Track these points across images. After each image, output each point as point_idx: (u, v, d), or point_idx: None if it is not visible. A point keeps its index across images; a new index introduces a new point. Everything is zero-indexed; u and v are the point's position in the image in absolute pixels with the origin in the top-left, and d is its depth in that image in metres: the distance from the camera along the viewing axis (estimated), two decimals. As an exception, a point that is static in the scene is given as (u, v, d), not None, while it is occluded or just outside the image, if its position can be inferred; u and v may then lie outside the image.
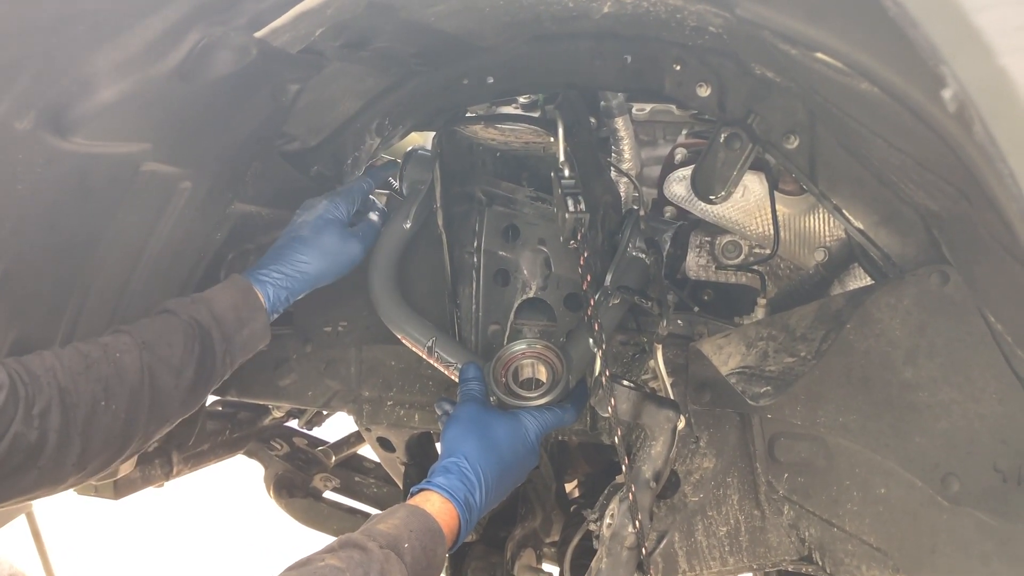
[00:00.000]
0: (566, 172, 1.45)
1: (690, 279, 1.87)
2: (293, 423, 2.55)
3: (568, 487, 2.20)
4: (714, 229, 1.87)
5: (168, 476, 2.08)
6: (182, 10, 1.24)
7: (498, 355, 1.59)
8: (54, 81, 1.23)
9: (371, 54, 1.57)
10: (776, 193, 1.69)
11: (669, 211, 1.93)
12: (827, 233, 1.72)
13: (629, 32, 1.54)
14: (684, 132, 2.00)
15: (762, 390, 1.33)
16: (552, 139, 1.57)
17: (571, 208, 1.38)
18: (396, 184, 1.96)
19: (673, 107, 2.01)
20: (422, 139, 2.19)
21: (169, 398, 1.43)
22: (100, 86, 1.27)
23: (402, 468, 2.11)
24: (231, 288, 1.59)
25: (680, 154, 1.88)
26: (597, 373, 1.34)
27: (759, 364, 1.37)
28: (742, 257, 1.90)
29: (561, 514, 2.02)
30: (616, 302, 1.53)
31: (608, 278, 1.56)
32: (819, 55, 0.97)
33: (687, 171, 1.83)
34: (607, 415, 1.32)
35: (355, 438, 2.60)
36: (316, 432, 2.60)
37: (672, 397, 1.43)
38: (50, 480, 1.29)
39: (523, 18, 1.52)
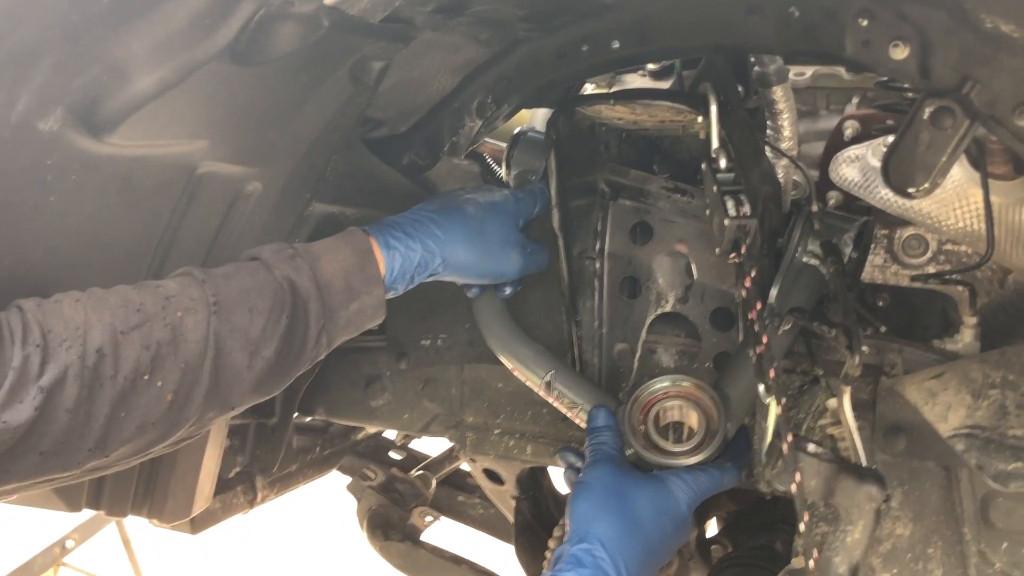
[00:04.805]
0: (722, 163, 1.13)
1: (860, 281, 1.52)
2: (390, 433, 2.32)
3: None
4: (892, 220, 1.51)
5: (252, 504, 1.86)
6: (231, -26, 0.96)
7: (635, 395, 1.29)
8: (79, 70, 0.99)
9: (470, 19, 1.27)
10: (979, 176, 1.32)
11: (833, 197, 1.58)
12: (1050, 228, 1.34)
13: (799, -22, 1.20)
14: (855, 101, 1.64)
15: (1009, 467, 0.99)
16: (697, 117, 1.24)
17: (731, 212, 1.07)
18: (501, 172, 1.67)
19: (842, 70, 1.64)
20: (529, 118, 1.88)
21: (237, 380, 1.09)
22: (136, 74, 1.02)
23: (513, 502, 1.84)
24: (345, 247, 1.22)
25: (851, 128, 1.52)
26: (770, 435, 1.03)
27: (995, 425, 1.03)
28: (929, 255, 1.55)
29: (701, 562, 1.72)
30: (787, 327, 1.20)
31: (773, 294, 1.23)
32: None
33: (860, 149, 1.47)
34: (786, 491, 1.00)
35: (457, 452, 2.35)
36: (415, 444, 2.36)
37: (864, 457, 1.10)
38: (59, 466, 0.98)
39: (662, -35, 1.20)
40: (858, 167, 1.48)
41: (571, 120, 1.39)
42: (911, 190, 1.20)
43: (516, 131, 1.57)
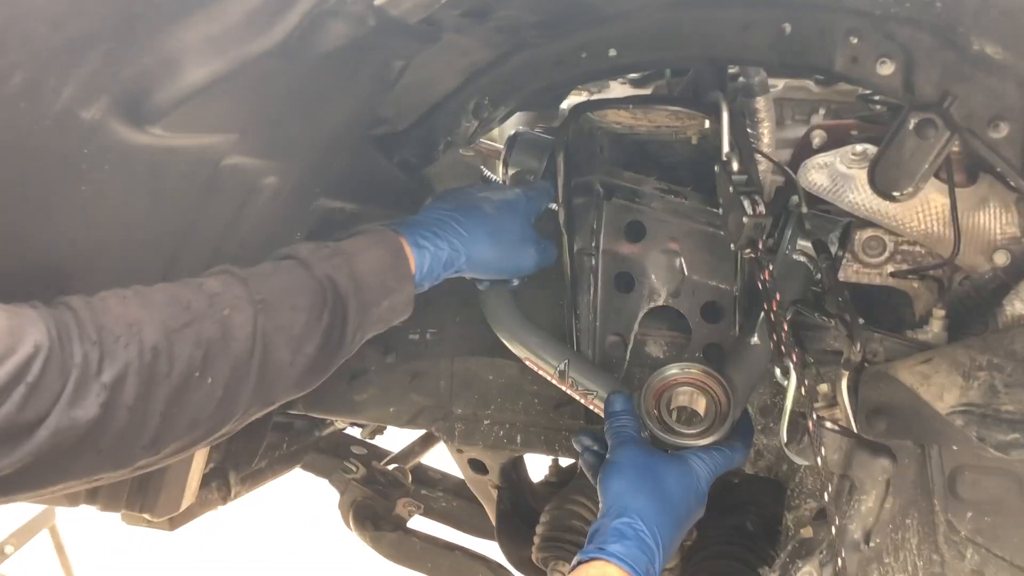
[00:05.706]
0: (735, 165, 1.22)
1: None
2: (352, 430, 2.33)
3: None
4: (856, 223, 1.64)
5: (225, 500, 1.86)
6: (293, -28, 0.99)
7: (648, 382, 1.37)
8: (132, 60, 0.99)
9: (489, 24, 1.32)
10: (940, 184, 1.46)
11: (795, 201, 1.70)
12: (999, 231, 1.49)
13: (796, -3, 1.30)
14: (821, 112, 1.76)
15: (1008, 438, 1.11)
16: (703, 122, 1.33)
17: (749, 210, 1.15)
18: (493, 174, 1.72)
19: (810, 83, 1.77)
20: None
21: (281, 377, 1.12)
22: (188, 66, 1.02)
23: (493, 492, 1.89)
24: (379, 245, 1.26)
25: (819, 137, 1.64)
26: (788, 414, 1.12)
27: (988, 402, 1.15)
28: (887, 254, 1.68)
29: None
30: (787, 318, 1.31)
31: (767, 288, 1.33)
32: None
33: (828, 157, 1.59)
34: (808, 464, 1.10)
35: (419, 446, 2.38)
36: (377, 440, 2.38)
37: (858, 434, 1.21)
38: (112, 464, 0.99)
39: (672, -20, 1.28)
40: (827, 173, 1.60)
41: (579, 123, 1.46)
42: (896, 194, 1.32)
43: (513, 132, 1.63)
